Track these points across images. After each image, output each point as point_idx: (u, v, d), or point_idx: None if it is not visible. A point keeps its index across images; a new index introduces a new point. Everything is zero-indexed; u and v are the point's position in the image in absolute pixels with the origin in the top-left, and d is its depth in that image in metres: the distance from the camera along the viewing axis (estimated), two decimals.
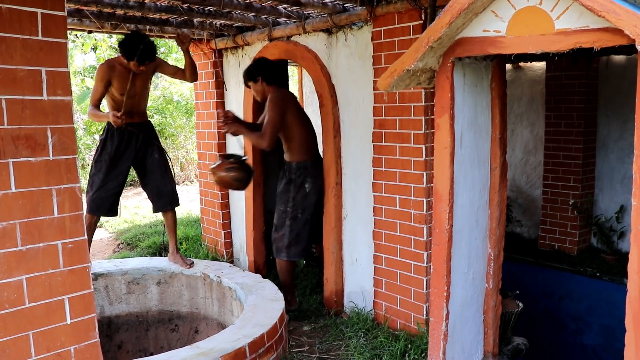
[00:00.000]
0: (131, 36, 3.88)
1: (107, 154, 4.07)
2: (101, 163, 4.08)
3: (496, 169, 2.83)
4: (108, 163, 4.06)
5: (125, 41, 3.85)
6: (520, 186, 6.06)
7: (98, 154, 4.12)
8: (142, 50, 3.81)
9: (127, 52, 3.83)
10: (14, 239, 1.98)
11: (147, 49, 3.85)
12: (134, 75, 3.98)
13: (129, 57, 3.85)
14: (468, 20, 2.32)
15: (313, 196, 4.12)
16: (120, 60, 3.95)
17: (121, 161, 4.11)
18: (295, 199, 4.09)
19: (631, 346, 1.99)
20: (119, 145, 4.07)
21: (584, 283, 4.93)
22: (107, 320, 4.29)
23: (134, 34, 3.93)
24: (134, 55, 3.81)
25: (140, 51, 3.80)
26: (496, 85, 2.75)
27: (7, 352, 1.98)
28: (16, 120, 1.95)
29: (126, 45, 3.83)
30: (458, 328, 2.77)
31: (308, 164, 4.11)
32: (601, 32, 1.94)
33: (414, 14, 3.35)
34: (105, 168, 4.06)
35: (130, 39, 3.84)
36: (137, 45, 3.80)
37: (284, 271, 4.21)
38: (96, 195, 4.07)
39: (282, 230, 4.13)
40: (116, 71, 3.95)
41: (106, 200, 4.10)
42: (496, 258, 2.91)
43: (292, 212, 4.10)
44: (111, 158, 4.06)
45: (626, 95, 5.03)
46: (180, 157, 11.37)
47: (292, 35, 4.28)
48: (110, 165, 4.07)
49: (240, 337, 3.06)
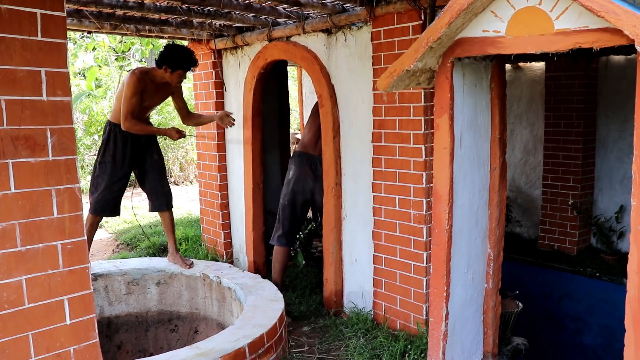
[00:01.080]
0: (174, 47, 3.97)
1: (110, 155, 4.07)
2: (105, 164, 4.08)
3: (496, 169, 2.83)
4: (112, 164, 4.06)
5: (170, 52, 3.90)
6: (519, 186, 6.06)
7: (101, 155, 4.12)
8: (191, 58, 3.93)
9: (175, 62, 3.88)
10: (14, 240, 1.98)
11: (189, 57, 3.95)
12: (157, 89, 4.03)
13: (177, 67, 3.89)
14: (467, 20, 2.32)
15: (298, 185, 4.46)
16: (152, 72, 3.98)
17: (125, 162, 4.11)
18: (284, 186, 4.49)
19: (631, 346, 1.99)
20: (123, 147, 4.07)
21: (584, 283, 4.93)
22: (107, 321, 4.29)
23: (174, 45, 4.04)
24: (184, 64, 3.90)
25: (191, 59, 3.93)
26: (496, 85, 2.75)
27: (7, 352, 1.98)
28: (16, 121, 1.95)
29: (173, 55, 3.88)
30: (458, 328, 2.77)
31: (295, 154, 4.51)
32: (600, 32, 1.94)
33: (414, 14, 3.35)
34: (110, 169, 4.06)
35: (174, 50, 3.91)
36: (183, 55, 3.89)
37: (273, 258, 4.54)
38: (101, 197, 4.07)
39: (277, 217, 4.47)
40: (147, 83, 3.96)
41: (110, 202, 4.12)
42: (496, 258, 2.91)
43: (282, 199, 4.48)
44: (115, 159, 4.06)
45: (625, 95, 5.03)
46: (179, 158, 11.37)
47: (291, 36, 4.28)
48: (114, 167, 4.07)
49: (239, 338, 3.06)
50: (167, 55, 3.90)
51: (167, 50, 3.92)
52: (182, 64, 3.92)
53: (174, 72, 3.93)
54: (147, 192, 4.34)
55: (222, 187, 5.17)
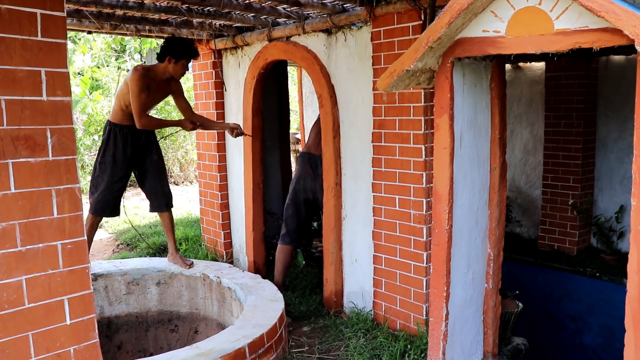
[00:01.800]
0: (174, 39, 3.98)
1: (110, 155, 4.06)
2: (105, 165, 4.07)
3: (496, 169, 2.83)
4: (112, 164, 4.05)
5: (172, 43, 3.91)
6: (519, 186, 6.06)
7: (101, 156, 4.10)
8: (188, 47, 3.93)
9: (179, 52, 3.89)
10: (14, 240, 1.98)
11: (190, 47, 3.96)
12: (158, 87, 4.03)
13: (181, 57, 3.90)
14: (467, 20, 2.32)
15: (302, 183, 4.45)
16: (153, 69, 3.99)
17: (125, 162, 4.10)
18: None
19: (631, 346, 1.99)
20: (123, 147, 4.07)
21: (584, 283, 4.93)
22: (107, 321, 4.29)
23: (173, 37, 4.04)
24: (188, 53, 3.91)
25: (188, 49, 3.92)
26: (496, 85, 2.75)
27: (7, 352, 1.98)
28: (16, 121, 1.95)
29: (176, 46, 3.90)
30: (458, 328, 2.77)
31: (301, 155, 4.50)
32: (600, 32, 1.94)
33: (414, 14, 3.35)
34: (110, 169, 4.05)
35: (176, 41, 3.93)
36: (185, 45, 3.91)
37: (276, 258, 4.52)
38: (101, 197, 4.07)
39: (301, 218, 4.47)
40: (149, 79, 3.96)
41: (111, 202, 4.12)
42: (496, 258, 2.91)
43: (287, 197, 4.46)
44: (115, 159, 4.06)
45: (625, 95, 5.03)
46: (179, 158, 11.38)
47: (291, 36, 4.28)
48: (114, 167, 4.06)
49: (240, 338, 3.06)
50: (169, 46, 3.91)
51: (169, 42, 3.93)
52: (186, 53, 3.93)
53: (177, 63, 3.93)
54: (147, 193, 4.33)
55: (222, 187, 5.17)
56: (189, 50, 3.95)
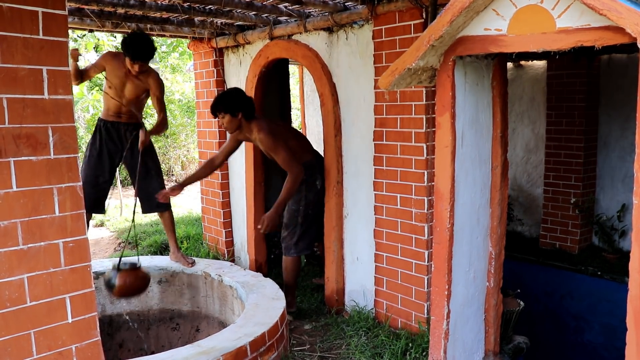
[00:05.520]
0: (131, 35, 3.87)
1: (95, 149, 4.09)
2: (87, 158, 4.11)
3: (497, 168, 2.83)
4: (95, 157, 4.07)
5: (125, 39, 3.85)
6: (521, 185, 6.06)
7: (87, 149, 4.15)
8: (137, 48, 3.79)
9: (125, 49, 3.83)
10: (16, 238, 1.98)
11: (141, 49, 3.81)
12: (127, 78, 3.98)
13: (127, 53, 3.84)
14: (469, 18, 2.31)
15: (323, 192, 4.16)
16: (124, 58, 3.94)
17: (107, 157, 4.09)
18: (307, 198, 4.08)
19: (632, 345, 1.99)
20: (106, 140, 4.08)
21: (585, 282, 4.93)
22: (108, 319, 4.29)
23: (135, 33, 3.91)
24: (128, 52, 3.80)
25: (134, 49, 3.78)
26: (497, 83, 2.74)
27: (9, 350, 1.98)
28: (17, 119, 1.95)
29: (125, 43, 3.83)
30: (459, 327, 2.77)
31: (314, 162, 4.12)
32: (602, 31, 1.93)
33: (415, 12, 3.35)
34: (94, 163, 4.07)
35: (129, 38, 3.83)
36: (133, 44, 3.79)
37: (290, 269, 4.16)
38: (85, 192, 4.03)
39: (294, 229, 4.11)
40: (114, 65, 3.94)
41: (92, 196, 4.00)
42: (497, 257, 2.91)
43: (304, 210, 4.08)
44: (98, 153, 4.07)
45: (627, 93, 5.02)
46: (181, 156, 11.38)
47: (293, 34, 4.28)
48: (97, 160, 4.07)
49: (241, 336, 3.06)
50: (125, 43, 3.83)
51: (127, 39, 3.84)
52: (128, 52, 3.80)
53: (126, 57, 3.86)
54: (142, 195, 4.24)
55: (223, 185, 5.17)
56: (131, 49, 3.80)
